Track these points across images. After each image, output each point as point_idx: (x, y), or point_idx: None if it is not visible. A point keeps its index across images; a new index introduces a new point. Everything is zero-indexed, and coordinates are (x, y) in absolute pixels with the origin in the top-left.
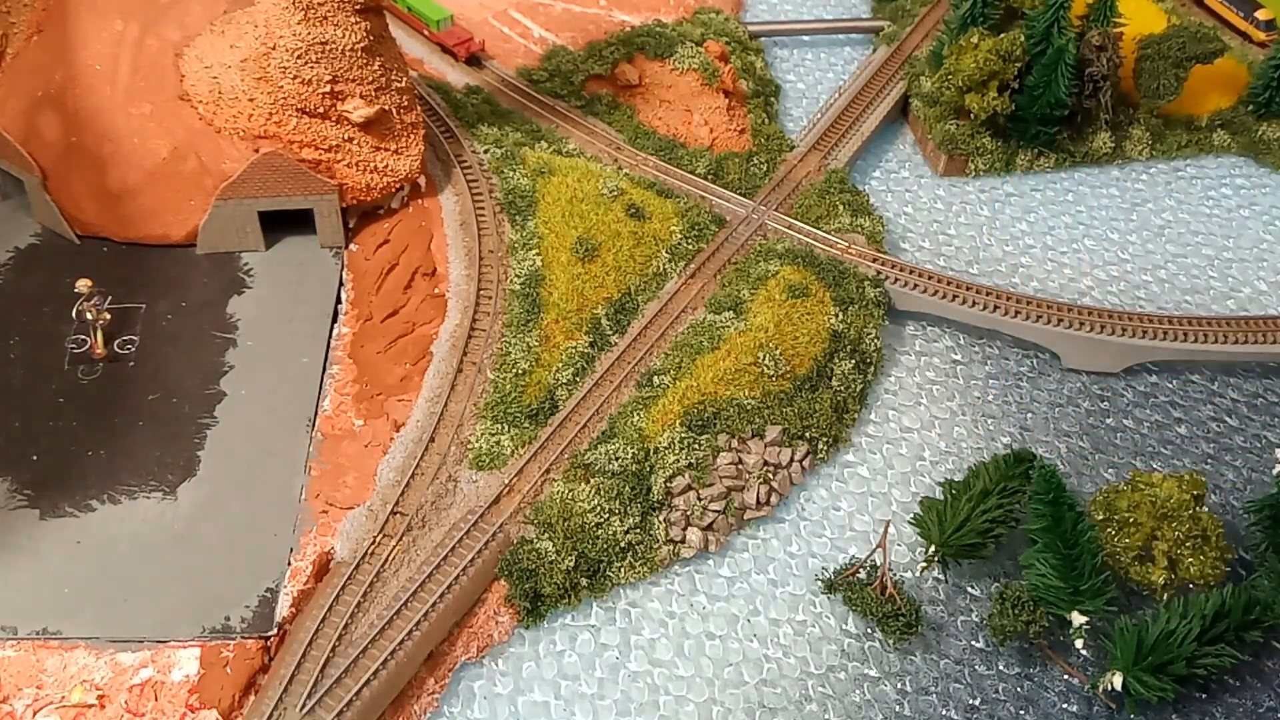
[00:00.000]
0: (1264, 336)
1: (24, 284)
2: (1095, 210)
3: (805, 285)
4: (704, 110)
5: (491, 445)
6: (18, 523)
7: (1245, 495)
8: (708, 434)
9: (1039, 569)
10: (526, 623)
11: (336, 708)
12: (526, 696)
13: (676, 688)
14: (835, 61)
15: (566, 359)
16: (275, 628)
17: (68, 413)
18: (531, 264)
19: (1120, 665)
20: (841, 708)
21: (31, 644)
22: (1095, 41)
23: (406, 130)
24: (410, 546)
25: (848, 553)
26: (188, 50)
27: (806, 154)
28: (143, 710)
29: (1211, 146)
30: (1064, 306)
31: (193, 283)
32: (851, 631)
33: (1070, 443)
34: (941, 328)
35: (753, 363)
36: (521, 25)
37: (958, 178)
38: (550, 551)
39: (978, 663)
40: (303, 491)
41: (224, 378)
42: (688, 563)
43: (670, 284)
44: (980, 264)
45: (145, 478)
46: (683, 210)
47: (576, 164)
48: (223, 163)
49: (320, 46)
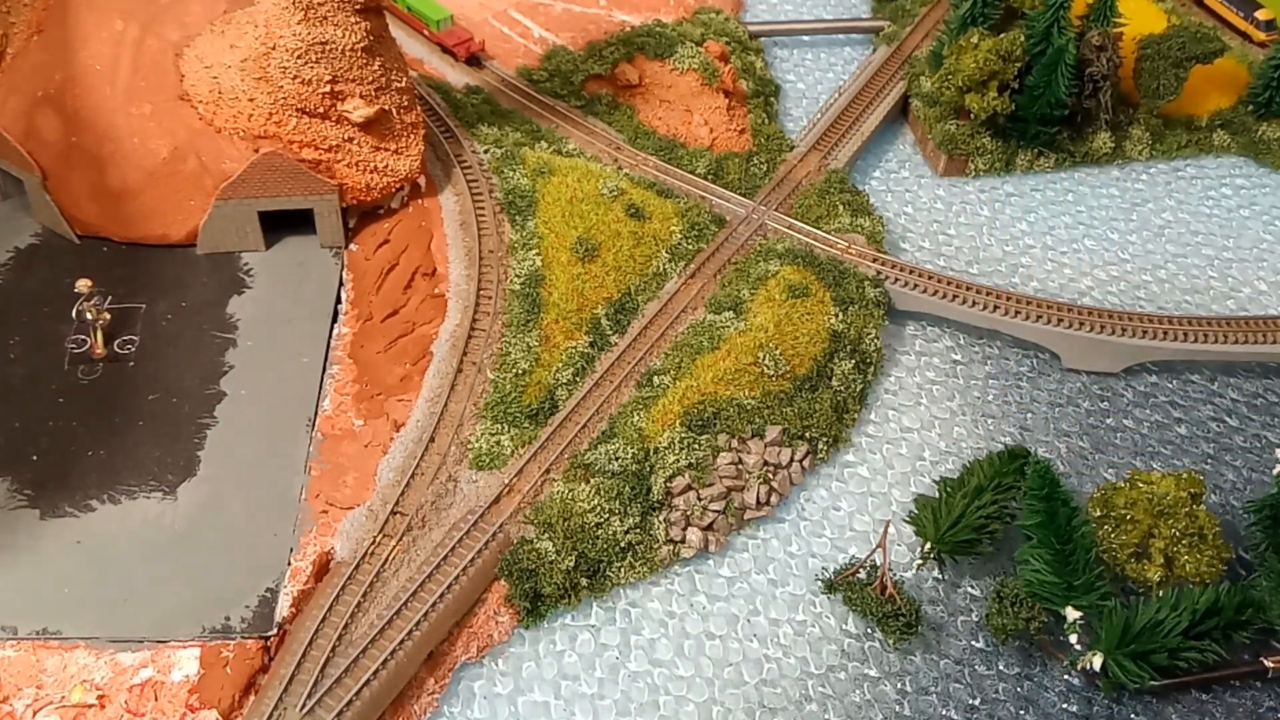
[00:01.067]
0: (1264, 336)
1: (24, 284)
2: (1095, 210)
3: (805, 285)
4: (704, 110)
5: (491, 445)
6: (18, 523)
7: (1245, 495)
8: (708, 434)
9: (1033, 565)
10: (526, 623)
11: (336, 708)
12: (526, 696)
13: (676, 688)
14: (835, 61)
15: (566, 359)
16: (275, 628)
17: (68, 413)
18: (531, 264)
19: (1103, 646)
20: (841, 708)
21: (31, 644)
22: (1095, 41)
23: (406, 130)
24: (410, 546)
25: (848, 553)
26: (188, 50)
27: (806, 154)
28: (143, 710)
29: (1211, 146)
30: (1064, 306)
31: (193, 283)
32: (851, 631)
33: (1070, 442)
34: (941, 328)
35: (753, 363)
36: (521, 25)
37: (958, 178)
38: (550, 551)
39: (978, 663)
40: (303, 491)
41: (224, 378)
42: (688, 563)
43: (670, 284)
44: (980, 264)
45: (145, 478)
46: (683, 210)
47: (576, 164)
48: (223, 163)
49: (320, 46)
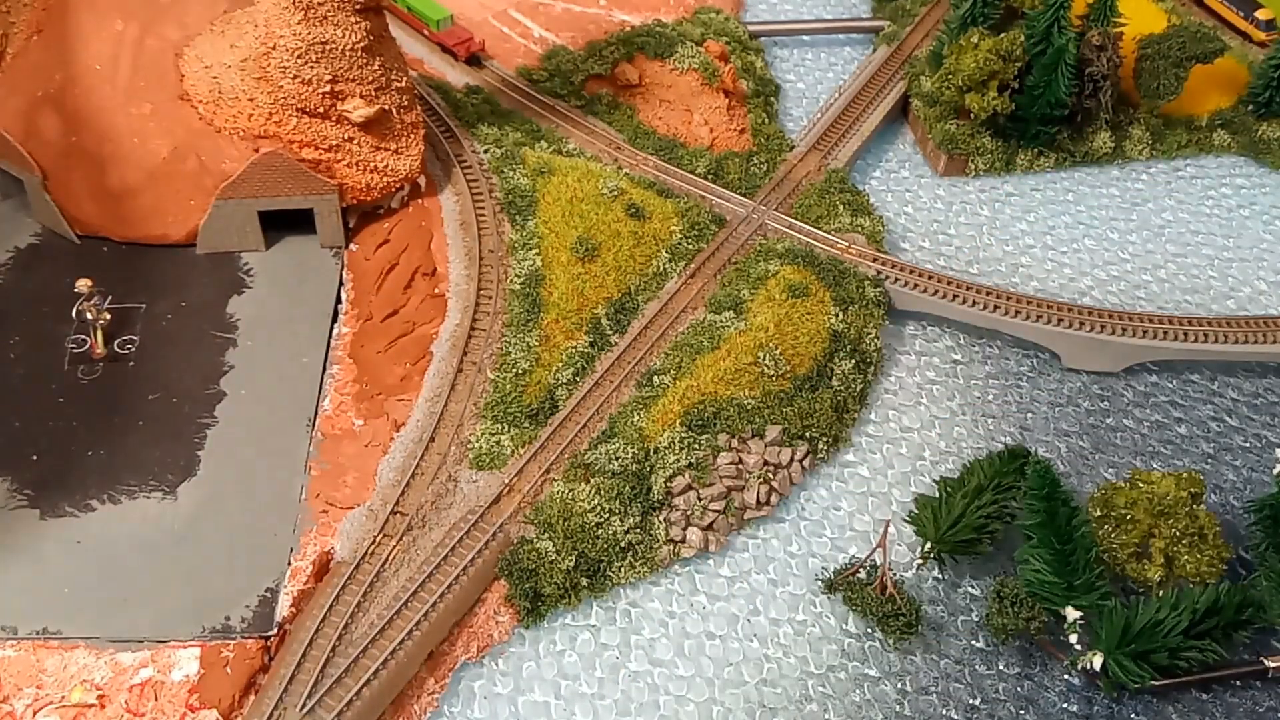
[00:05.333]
0: (1264, 336)
1: (24, 284)
2: (1095, 210)
3: (805, 285)
4: (704, 110)
5: (491, 445)
6: (18, 523)
7: (1245, 495)
8: (708, 434)
9: (1033, 565)
10: (526, 623)
11: (337, 708)
12: (526, 696)
13: (676, 687)
14: (835, 61)
15: (566, 359)
16: (275, 627)
17: (68, 413)
18: (531, 264)
19: (1103, 646)
20: (841, 707)
21: (31, 644)
22: (1095, 41)
23: (406, 130)
24: (410, 546)
25: (848, 552)
26: (188, 50)
27: (806, 154)
28: (143, 710)
29: (1211, 146)
30: (1064, 306)
31: (193, 283)
32: (851, 631)
33: (1070, 442)
34: (941, 328)
35: (753, 362)
36: (521, 25)
37: (958, 177)
38: (550, 551)
39: (978, 663)
40: (303, 491)
41: (224, 378)
42: (688, 563)
43: (670, 284)
44: (980, 264)
45: (145, 478)
46: (683, 210)
47: (576, 164)
48: (223, 163)
49: (320, 46)
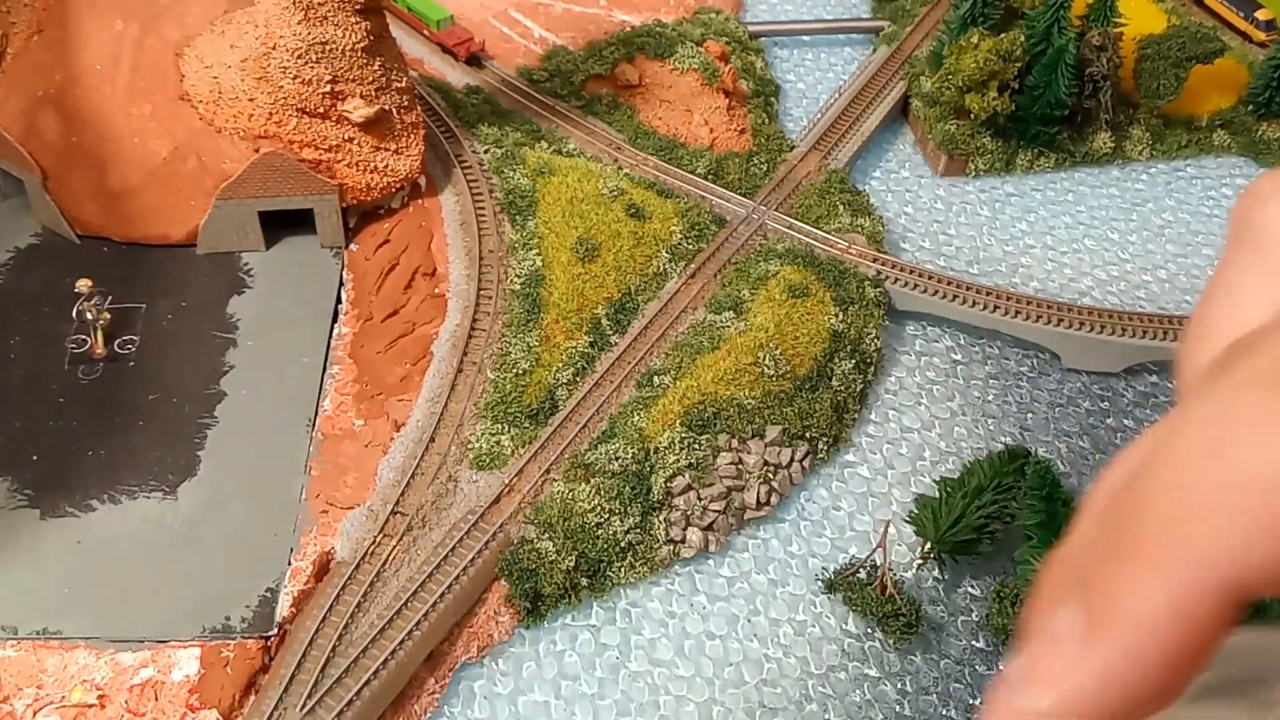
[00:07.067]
0: None
1: (24, 284)
2: (1095, 210)
3: (805, 285)
4: (704, 110)
5: (492, 445)
6: (18, 523)
7: None
8: (708, 434)
9: (1033, 565)
10: (527, 622)
11: (337, 707)
12: (527, 696)
13: (677, 688)
14: (835, 61)
15: (567, 359)
16: (275, 627)
17: (68, 413)
18: (532, 264)
19: None
20: (842, 707)
21: (31, 644)
22: (1095, 41)
23: (407, 130)
24: (410, 546)
25: (848, 553)
26: (188, 50)
27: (806, 154)
28: (143, 710)
29: (1211, 146)
30: (1064, 306)
31: (193, 283)
32: (852, 631)
33: (1070, 442)
34: (942, 328)
35: (753, 363)
36: (521, 25)
37: (958, 178)
38: (550, 551)
39: (978, 663)
40: (303, 491)
41: (224, 378)
42: (688, 563)
43: (670, 284)
44: (980, 264)
45: (145, 478)
46: (683, 210)
47: (577, 164)
48: (223, 163)
49: (320, 46)
